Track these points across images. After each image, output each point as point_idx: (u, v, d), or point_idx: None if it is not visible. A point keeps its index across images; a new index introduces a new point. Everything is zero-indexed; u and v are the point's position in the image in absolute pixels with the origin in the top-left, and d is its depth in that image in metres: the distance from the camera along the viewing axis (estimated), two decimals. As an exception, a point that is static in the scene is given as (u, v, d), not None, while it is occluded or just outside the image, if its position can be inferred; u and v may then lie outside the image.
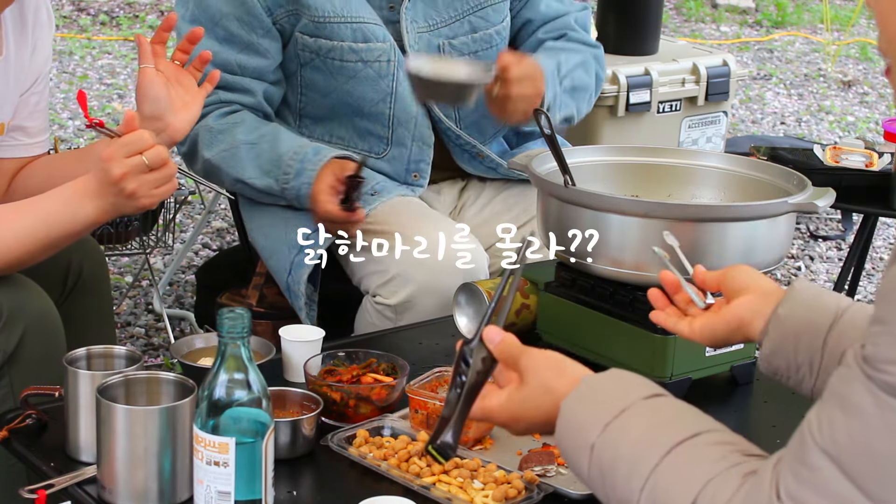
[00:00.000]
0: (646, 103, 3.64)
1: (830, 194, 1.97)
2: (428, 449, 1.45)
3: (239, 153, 2.43)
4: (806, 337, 1.52)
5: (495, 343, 1.45)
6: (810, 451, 1.13)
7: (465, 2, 2.53)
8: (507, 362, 1.45)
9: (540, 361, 1.43)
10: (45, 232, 1.93)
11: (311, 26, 2.43)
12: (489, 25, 2.56)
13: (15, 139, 2.22)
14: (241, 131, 2.44)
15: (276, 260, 2.48)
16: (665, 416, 1.32)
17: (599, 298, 2.01)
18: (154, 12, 7.44)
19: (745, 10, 8.40)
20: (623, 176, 2.20)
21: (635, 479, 1.26)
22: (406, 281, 2.32)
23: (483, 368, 1.45)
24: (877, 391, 1.09)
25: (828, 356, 1.51)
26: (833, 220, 4.88)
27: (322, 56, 2.45)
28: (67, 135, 5.38)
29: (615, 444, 1.30)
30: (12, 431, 1.75)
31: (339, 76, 2.47)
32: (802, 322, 1.53)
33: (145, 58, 2.09)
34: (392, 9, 2.48)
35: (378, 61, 2.46)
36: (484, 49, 2.56)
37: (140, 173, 1.89)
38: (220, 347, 1.48)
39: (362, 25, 2.44)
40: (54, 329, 2.03)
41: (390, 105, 2.49)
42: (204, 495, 1.50)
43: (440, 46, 2.52)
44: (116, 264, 4.09)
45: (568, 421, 1.36)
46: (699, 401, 1.89)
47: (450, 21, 2.53)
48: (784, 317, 1.54)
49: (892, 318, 1.09)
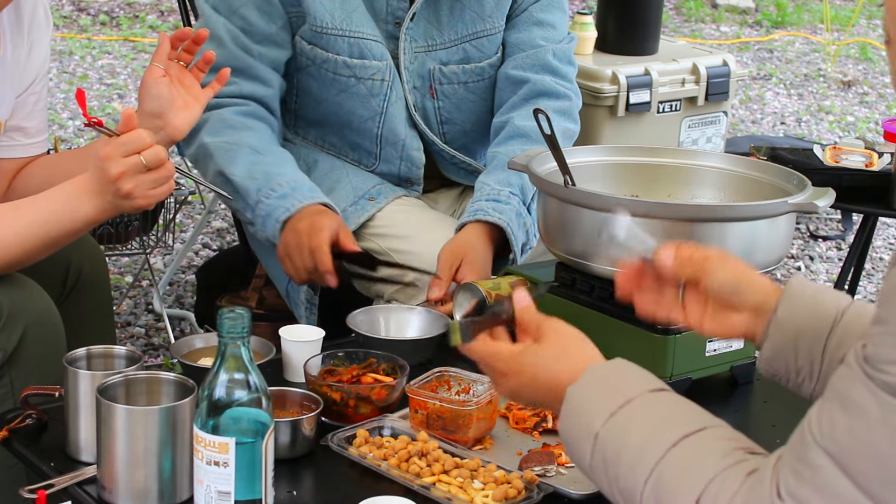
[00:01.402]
0: (646, 103, 3.64)
1: (830, 194, 1.97)
2: (450, 322, 1.51)
3: (239, 151, 2.37)
4: (805, 341, 1.51)
5: (523, 305, 1.47)
6: (811, 449, 1.13)
7: (464, 26, 2.50)
8: (528, 324, 1.46)
9: (564, 328, 1.46)
10: (44, 230, 1.93)
11: (310, 33, 2.42)
12: (482, 57, 2.53)
13: (13, 139, 2.22)
14: (252, 137, 2.39)
15: (275, 264, 2.47)
16: (670, 410, 1.32)
17: (599, 298, 2.01)
18: (154, 12, 7.44)
19: (745, 10, 8.40)
20: (623, 176, 2.19)
21: (640, 471, 1.26)
22: (424, 285, 2.32)
23: (504, 316, 1.49)
24: (878, 391, 1.10)
25: (828, 360, 1.50)
26: (833, 220, 4.88)
27: (317, 65, 2.44)
28: (67, 135, 5.38)
29: (620, 434, 1.30)
30: (12, 431, 1.75)
31: (332, 88, 2.45)
32: (802, 325, 1.51)
33: (159, 57, 2.10)
34: (397, 24, 2.46)
35: (371, 79, 2.43)
36: (474, 81, 2.54)
37: (137, 173, 1.89)
38: (220, 347, 1.48)
39: (360, 41, 2.42)
40: (54, 329, 2.03)
41: (379, 125, 2.47)
42: (204, 495, 1.50)
43: (431, 71, 2.49)
44: (116, 264, 4.09)
45: (573, 407, 1.36)
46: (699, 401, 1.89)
47: (448, 45, 2.50)
48: (783, 320, 1.51)
49: (892, 318, 1.10)
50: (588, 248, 1.96)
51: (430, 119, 2.53)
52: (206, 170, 2.41)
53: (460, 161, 2.56)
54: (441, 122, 2.54)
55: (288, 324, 2.05)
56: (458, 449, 1.74)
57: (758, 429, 1.96)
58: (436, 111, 2.53)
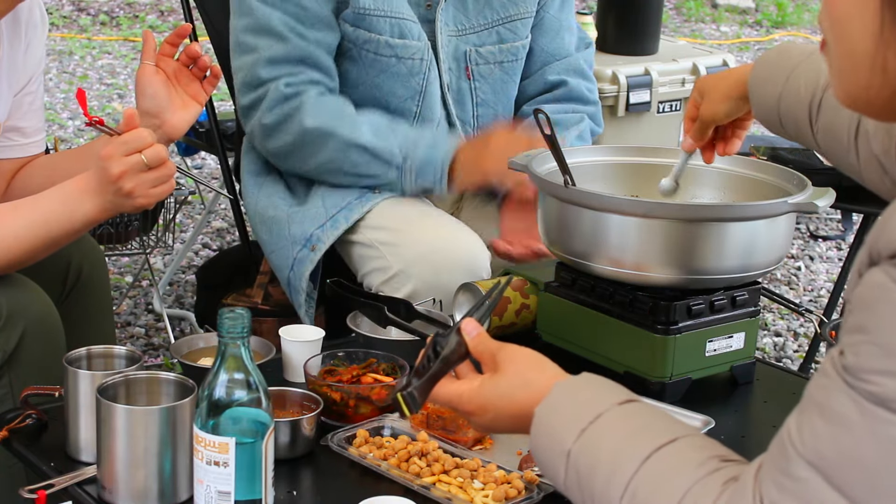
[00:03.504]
0: (646, 103, 3.64)
1: (830, 194, 1.97)
2: (395, 396, 1.44)
3: (354, 121, 2.41)
4: (785, 105, 1.79)
5: (472, 336, 1.45)
6: (793, 461, 1.11)
7: (495, 11, 2.56)
8: (482, 356, 1.44)
9: (519, 355, 1.43)
10: (44, 230, 1.93)
11: (353, 16, 2.45)
12: (516, 38, 2.59)
13: (10, 140, 2.22)
14: (351, 108, 2.44)
15: (278, 256, 2.49)
16: (640, 421, 1.30)
17: (599, 298, 2.01)
18: (154, 12, 7.45)
19: (745, 10, 8.40)
20: (623, 176, 2.19)
21: (614, 487, 1.24)
22: (408, 278, 2.33)
23: (456, 356, 1.45)
24: (861, 401, 1.08)
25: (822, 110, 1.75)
26: (833, 220, 4.88)
27: (359, 47, 2.47)
28: (67, 135, 5.38)
29: (592, 450, 1.28)
30: (12, 431, 1.75)
31: (372, 69, 2.48)
32: (774, 86, 1.80)
33: (147, 54, 2.10)
34: (429, 7, 2.51)
35: (412, 58, 2.47)
36: (509, 61, 2.59)
37: (138, 172, 1.89)
38: (220, 347, 1.48)
39: (400, 21, 2.46)
40: (54, 329, 2.03)
41: (418, 103, 2.51)
42: (204, 495, 1.50)
43: (467, 53, 2.54)
44: (116, 264, 4.09)
45: (543, 427, 1.34)
46: (699, 401, 1.90)
47: (479, 29, 2.55)
48: (756, 87, 1.83)
49: (872, 326, 1.07)
50: (588, 248, 1.96)
51: (466, 102, 2.57)
52: (316, 153, 2.43)
53: None
54: (476, 104, 2.59)
55: (293, 319, 2.05)
56: (458, 449, 1.74)
57: (758, 429, 1.96)
58: (472, 93, 2.57)
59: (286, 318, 2.46)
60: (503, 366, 1.42)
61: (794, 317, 4.04)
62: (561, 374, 1.41)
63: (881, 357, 1.07)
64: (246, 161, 2.62)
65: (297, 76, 2.41)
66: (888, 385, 1.06)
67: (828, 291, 4.13)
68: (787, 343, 3.88)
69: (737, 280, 1.97)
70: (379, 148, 2.41)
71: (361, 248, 2.42)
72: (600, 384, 1.37)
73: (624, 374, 1.95)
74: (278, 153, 2.48)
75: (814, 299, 4.22)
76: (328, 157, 2.43)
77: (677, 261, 1.91)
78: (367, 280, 2.42)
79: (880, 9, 1.11)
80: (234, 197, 2.56)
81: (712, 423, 1.81)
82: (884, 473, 1.07)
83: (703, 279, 1.93)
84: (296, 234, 2.44)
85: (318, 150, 2.43)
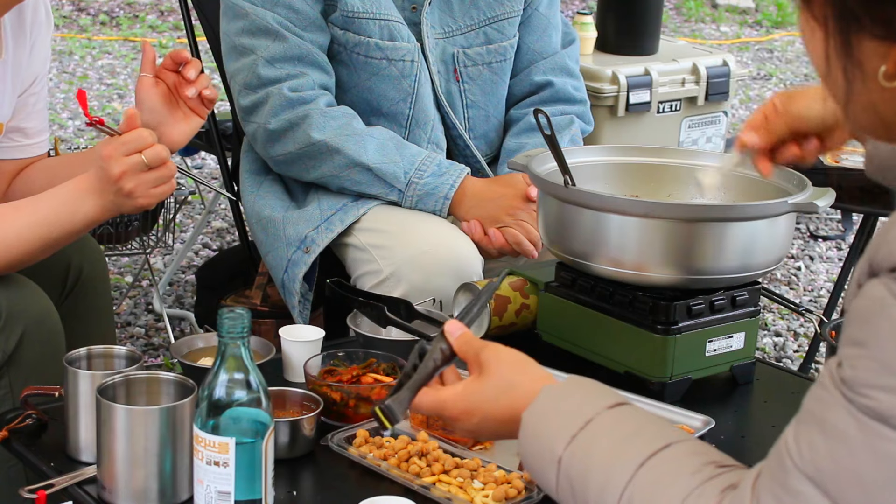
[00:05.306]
0: (646, 103, 3.64)
1: (830, 194, 1.97)
2: (374, 409, 1.43)
3: (361, 139, 2.40)
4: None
5: (455, 336, 1.43)
6: (791, 475, 1.11)
7: (481, 12, 2.55)
8: (467, 356, 1.42)
9: (503, 356, 1.41)
10: (45, 230, 1.93)
11: (342, 19, 2.44)
12: (504, 38, 2.58)
13: (13, 140, 2.22)
14: (360, 123, 2.43)
15: (274, 256, 2.48)
16: (632, 426, 1.28)
17: (599, 298, 2.01)
18: (154, 12, 7.45)
19: (745, 10, 8.41)
20: (623, 176, 2.19)
21: (609, 495, 1.23)
22: (399, 280, 2.32)
23: (440, 360, 1.44)
24: (859, 415, 1.07)
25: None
26: (833, 220, 4.88)
27: (349, 50, 2.46)
28: (67, 135, 5.38)
29: (583, 457, 1.27)
30: (12, 431, 1.75)
31: (363, 72, 2.48)
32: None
33: (146, 66, 2.07)
34: (414, 10, 2.50)
35: (402, 60, 2.47)
36: (498, 61, 2.58)
37: (139, 172, 1.89)
38: (220, 347, 1.47)
39: (389, 24, 2.46)
40: (54, 329, 2.03)
41: (410, 105, 2.50)
42: (204, 495, 1.50)
43: (455, 55, 2.54)
44: (116, 264, 4.09)
45: (531, 433, 1.33)
46: (699, 401, 1.89)
47: (465, 30, 2.55)
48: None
49: (871, 341, 1.07)
50: (588, 248, 1.96)
51: (456, 103, 2.57)
52: (320, 166, 2.42)
53: (471, 155, 2.57)
54: (466, 106, 2.58)
55: (292, 320, 2.04)
56: (458, 449, 1.74)
57: (758, 429, 1.96)
58: (461, 95, 2.57)
59: (286, 319, 2.46)
60: (486, 367, 1.40)
61: (794, 317, 4.04)
62: (545, 375, 1.40)
63: (879, 372, 1.07)
64: (245, 161, 2.62)
65: (300, 78, 2.40)
66: (886, 401, 1.06)
67: (828, 291, 4.13)
68: (787, 343, 3.88)
69: (737, 280, 1.97)
70: (384, 171, 2.40)
71: (354, 250, 2.42)
72: (588, 388, 1.35)
73: (624, 374, 1.95)
74: (281, 160, 2.47)
75: (814, 299, 4.23)
76: (331, 171, 2.42)
77: (677, 261, 1.91)
78: (360, 283, 2.41)
79: (843, 70, 1.12)
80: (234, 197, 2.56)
81: (712, 424, 1.80)
82: (881, 488, 1.07)
83: (703, 279, 1.94)
84: (291, 235, 2.44)
85: (322, 163, 2.42)
